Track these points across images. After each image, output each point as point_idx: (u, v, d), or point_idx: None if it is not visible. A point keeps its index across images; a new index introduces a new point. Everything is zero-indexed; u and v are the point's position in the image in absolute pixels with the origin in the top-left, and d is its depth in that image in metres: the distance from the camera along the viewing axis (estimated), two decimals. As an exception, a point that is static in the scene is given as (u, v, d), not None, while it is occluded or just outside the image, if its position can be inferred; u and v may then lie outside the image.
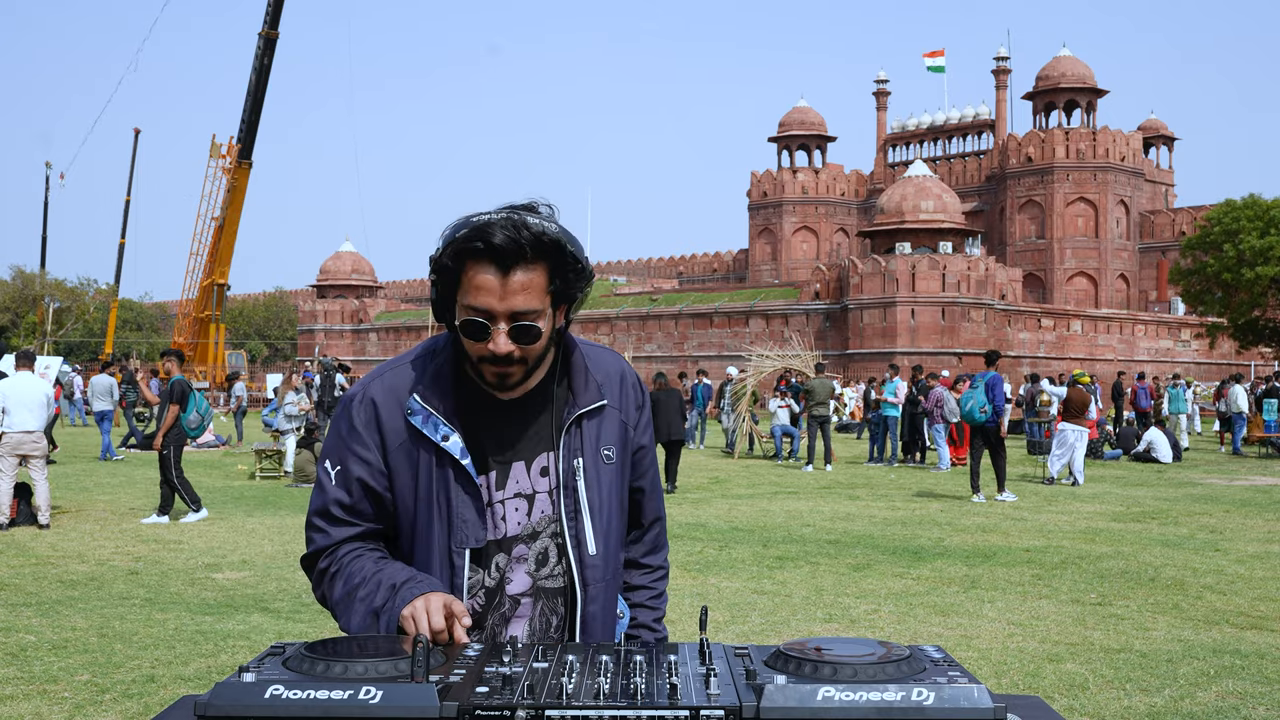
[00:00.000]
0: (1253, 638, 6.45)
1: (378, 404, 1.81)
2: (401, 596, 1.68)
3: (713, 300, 50.57)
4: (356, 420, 1.82)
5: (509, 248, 1.66)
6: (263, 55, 43.95)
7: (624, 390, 1.94)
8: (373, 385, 1.84)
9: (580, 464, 1.84)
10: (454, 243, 1.69)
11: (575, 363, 1.88)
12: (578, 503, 1.84)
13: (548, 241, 1.68)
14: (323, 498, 1.83)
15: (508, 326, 1.71)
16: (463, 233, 1.68)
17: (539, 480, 1.84)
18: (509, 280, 1.68)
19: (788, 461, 21.00)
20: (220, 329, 50.61)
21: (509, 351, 1.71)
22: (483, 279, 1.68)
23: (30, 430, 10.67)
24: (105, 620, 6.65)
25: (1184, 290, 39.97)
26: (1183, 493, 15.06)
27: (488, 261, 1.67)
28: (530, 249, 1.67)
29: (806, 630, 6.62)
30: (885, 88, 72.32)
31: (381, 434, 1.80)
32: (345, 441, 1.83)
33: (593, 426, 1.87)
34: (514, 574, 1.83)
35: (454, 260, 1.70)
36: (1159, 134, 66.81)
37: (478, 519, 1.79)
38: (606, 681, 1.35)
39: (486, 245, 1.66)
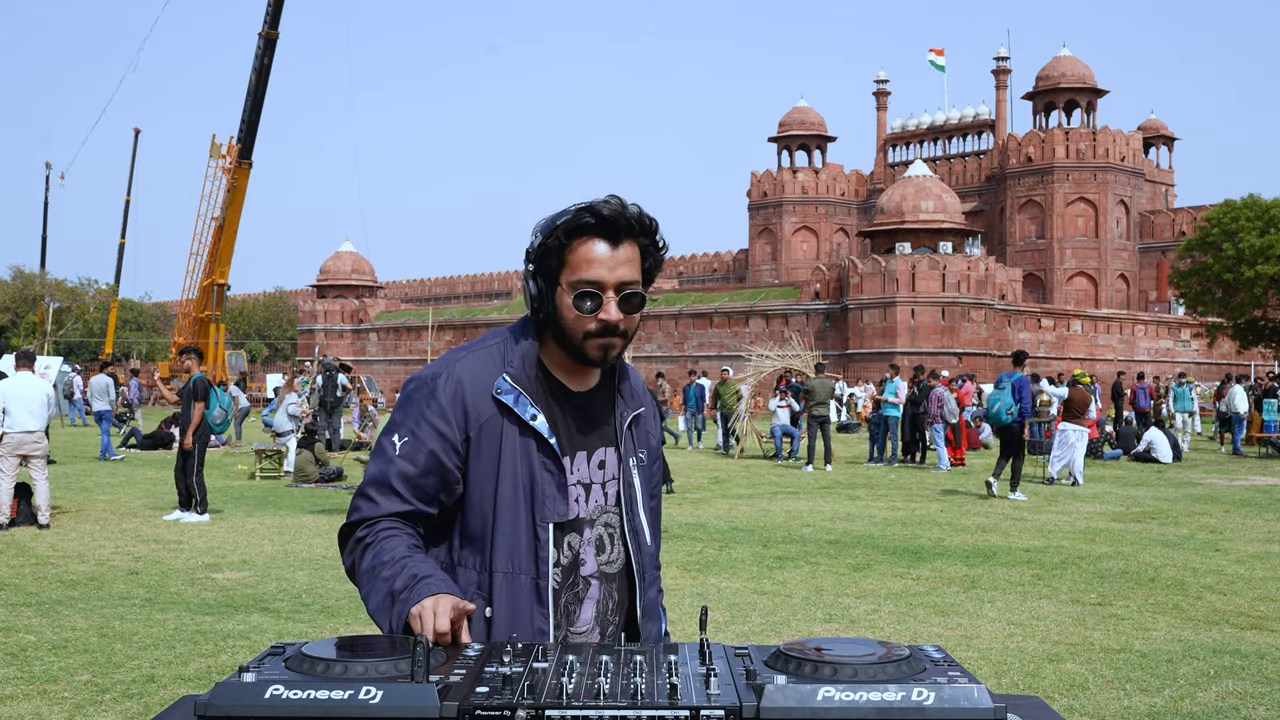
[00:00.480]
0: (1253, 638, 6.45)
1: (464, 382, 1.87)
2: (418, 591, 1.70)
3: (713, 300, 50.57)
4: (441, 395, 1.86)
5: (618, 220, 1.80)
6: (263, 55, 43.95)
7: (648, 400, 2.07)
8: (458, 365, 1.90)
9: (633, 462, 1.98)
10: (565, 221, 1.81)
11: (622, 366, 2.01)
12: (634, 497, 1.96)
13: (646, 220, 1.85)
14: (383, 467, 1.86)
15: (616, 297, 1.82)
16: (572, 213, 1.81)
17: (595, 472, 1.94)
18: (616, 252, 1.82)
19: (788, 461, 21.00)
20: (220, 329, 50.62)
21: (618, 321, 1.82)
22: (594, 252, 1.81)
23: (31, 430, 10.67)
24: (105, 620, 6.65)
25: (1183, 293, 39.99)
26: (1183, 493, 15.06)
27: (598, 236, 1.81)
28: (636, 223, 1.83)
29: (806, 630, 6.62)
30: (885, 88, 72.34)
31: (466, 410, 1.86)
32: (424, 414, 1.86)
33: (637, 431, 2.01)
34: (585, 555, 1.92)
35: (566, 237, 1.81)
36: (1159, 134, 66.83)
37: (559, 495, 1.87)
38: (606, 681, 1.35)
39: (598, 219, 1.80)
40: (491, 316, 59.15)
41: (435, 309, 65.82)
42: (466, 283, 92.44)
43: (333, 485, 15.54)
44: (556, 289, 1.84)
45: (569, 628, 1.89)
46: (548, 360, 1.92)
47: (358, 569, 1.83)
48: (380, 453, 1.88)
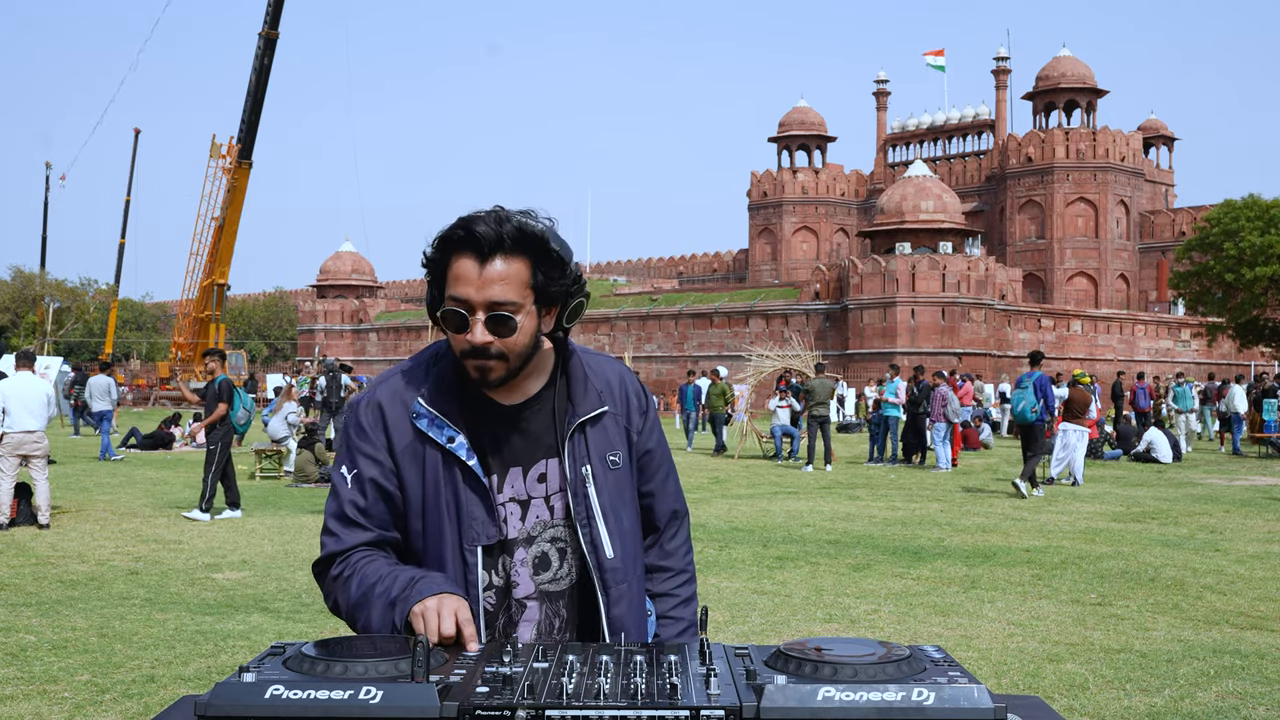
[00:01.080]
0: (1253, 638, 6.45)
1: (384, 407, 1.84)
2: (418, 590, 1.69)
3: (713, 300, 50.58)
4: (365, 422, 1.85)
5: (489, 236, 1.70)
6: (263, 55, 43.97)
7: (625, 397, 1.95)
8: (379, 389, 1.87)
9: (589, 470, 1.86)
10: (441, 233, 1.75)
11: (574, 370, 1.90)
12: (589, 508, 1.86)
13: (530, 234, 1.73)
14: (338, 501, 1.85)
15: (485, 316, 1.73)
16: (450, 225, 1.74)
17: (535, 486, 1.86)
18: (486, 269, 1.72)
19: (788, 461, 21.00)
20: (220, 329, 50.64)
21: (486, 343, 1.74)
22: (463, 268, 1.73)
23: (31, 430, 10.67)
24: (105, 620, 6.65)
25: (1183, 293, 40.01)
26: (1183, 493, 15.06)
27: (468, 251, 1.72)
28: (510, 240, 1.72)
29: (806, 630, 6.62)
30: (885, 88, 72.37)
31: (388, 436, 1.83)
32: (356, 445, 1.85)
33: (596, 433, 1.89)
34: (519, 576, 1.86)
35: (439, 251, 1.75)
36: (1159, 134, 66.85)
37: (487, 517, 1.82)
38: (606, 681, 1.35)
39: (468, 233, 1.71)
40: (491, 316, 59.11)
41: (435, 309, 65.78)
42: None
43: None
44: (443, 301, 1.78)
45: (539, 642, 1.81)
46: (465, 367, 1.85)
47: (346, 604, 1.81)
48: (333, 488, 1.87)
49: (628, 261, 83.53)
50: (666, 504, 2.03)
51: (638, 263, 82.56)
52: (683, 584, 2.04)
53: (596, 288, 59.96)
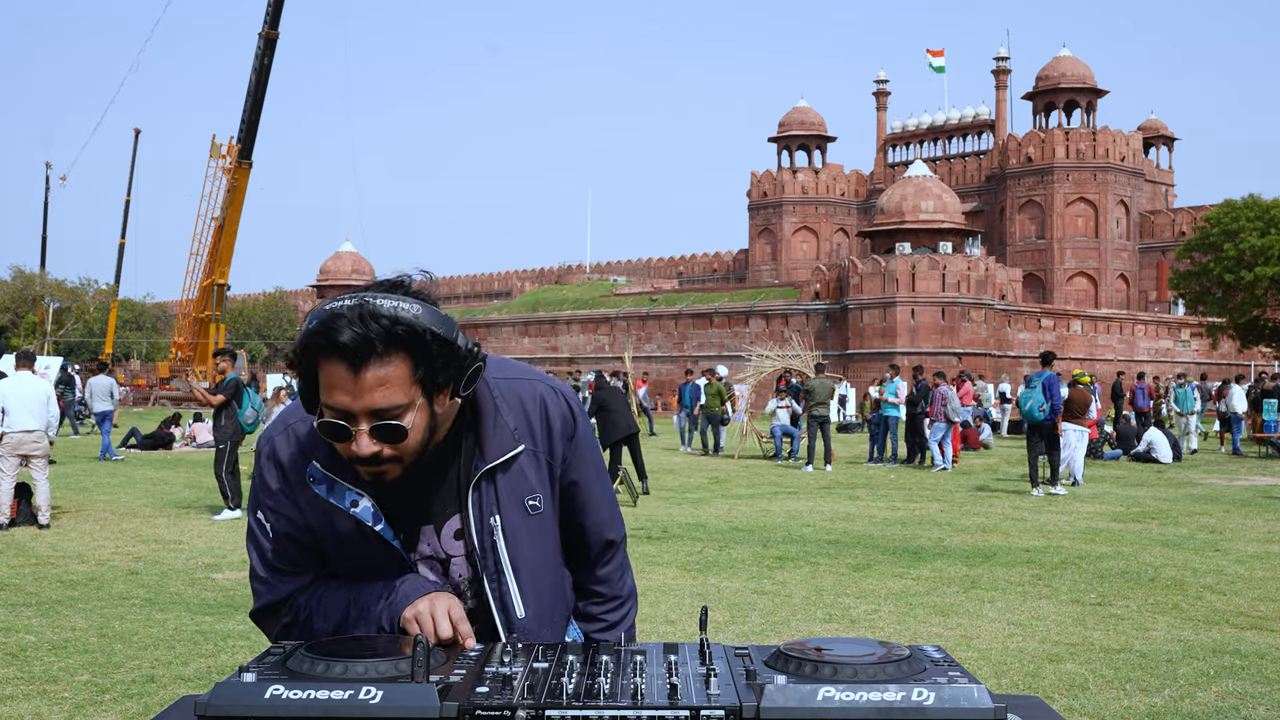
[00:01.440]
0: (1253, 638, 6.45)
1: (284, 466, 1.71)
2: (403, 593, 1.66)
3: (713, 300, 50.59)
4: (269, 479, 1.72)
5: (355, 345, 1.49)
6: (263, 55, 44.00)
7: (547, 423, 1.75)
8: (278, 440, 1.72)
9: (497, 521, 1.71)
10: (301, 338, 1.54)
11: (484, 410, 1.71)
12: (499, 563, 1.72)
13: (402, 331, 1.51)
14: (261, 552, 1.74)
15: (369, 425, 1.54)
16: (311, 325, 1.53)
17: (452, 544, 1.73)
18: (362, 377, 1.51)
19: (788, 461, 21.00)
20: (220, 329, 50.67)
21: (373, 453, 1.56)
22: (334, 375, 1.52)
23: (30, 430, 10.67)
24: (105, 620, 6.65)
25: (1183, 293, 40.02)
26: (1183, 493, 15.06)
27: (338, 359, 1.51)
28: (382, 342, 1.50)
29: (806, 630, 6.63)
30: (885, 88, 72.38)
31: (292, 496, 1.70)
32: (264, 500, 1.73)
33: (509, 477, 1.72)
34: None
35: (305, 356, 1.55)
36: (1159, 134, 66.87)
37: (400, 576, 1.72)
38: (606, 681, 1.35)
39: (330, 344, 1.50)
40: (491, 316, 59.17)
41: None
42: (466, 283, 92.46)
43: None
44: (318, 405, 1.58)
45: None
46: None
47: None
48: (253, 534, 1.75)
49: (628, 261, 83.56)
50: (599, 534, 1.88)
51: (638, 263, 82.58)
52: (612, 609, 1.92)
53: (596, 288, 59.98)
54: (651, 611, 7.02)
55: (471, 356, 1.60)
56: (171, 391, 46.92)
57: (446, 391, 1.60)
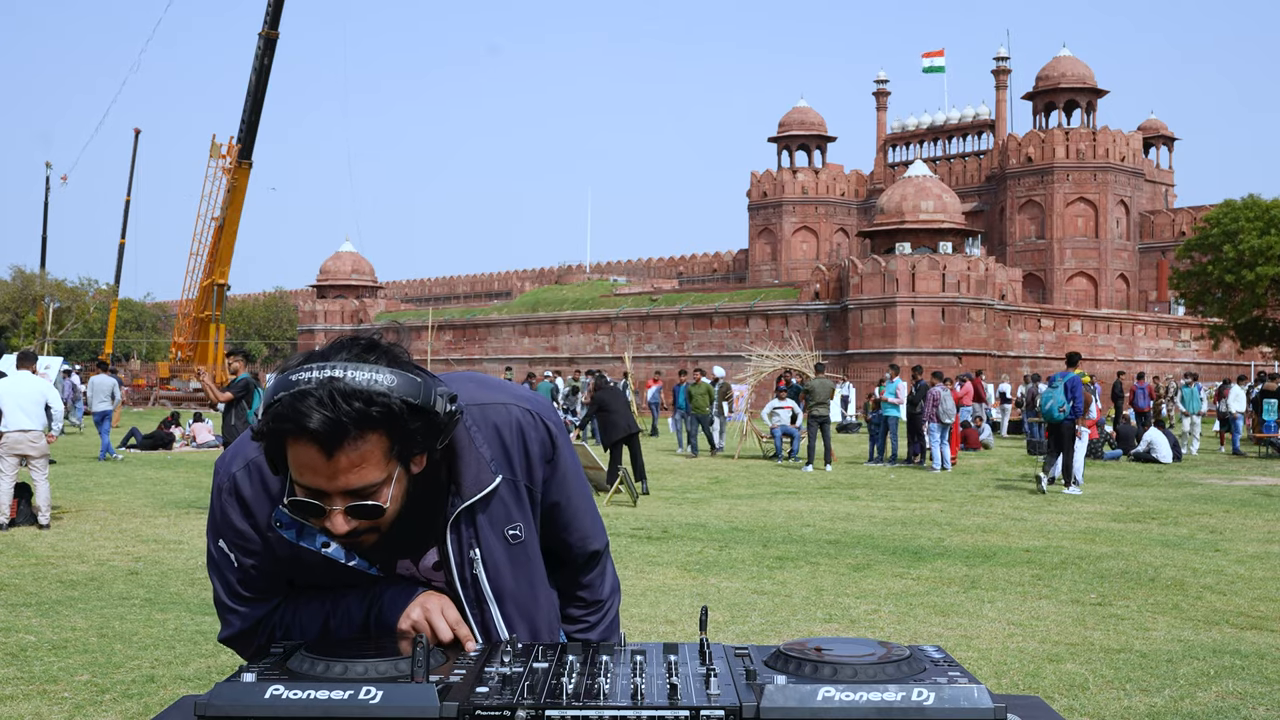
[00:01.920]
0: (1253, 638, 6.45)
1: (249, 505, 1.61)
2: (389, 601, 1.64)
3: (713, 300, 50.59)
4: (232, 517, 1.63)
5: (326, 430, 1.40)
6: (263, 55, 44.02)
7: (525, 448, 1.69)
8: (239, 478, 1.62)
9: (478, 555, 1.66)
10: (268, 417, 1.43)
11: (459, 444, 1.62)
12: (480, 594, 1.68)
13: (376, 412, 1.42)
14: (225, 581, 1.68)
15: (344, 505, 1.48)
16: (274, 407, 1.42)
17: (430, 573, 1.69)
18: (335, 461, 1.43)
19: (788, 462, 21.00)
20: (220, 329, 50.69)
21: (351, 530, 1.50)
22: (304, 455, 1.43)
23: (27, 430, 10.65)
24: (105, 620, 6.65)
25: (1183, 293, 40.01)
26: (1183, 493, 15.06)
27: (308, 441, 1.42)
28: (355, 424, 1.41)
29: (806, 630, 6.63)
30: (885, 88, 72.39)
31: (259, 534, 1.62)
32: (225, 534, 1.64)
33: (488, 512, 1.66)
34: None
35: (270, 439, 1.45)
36: (1159, 134, 66.87)
37: None
38: (606, 681, 1.36)
39: (299, 429, 1.41)
40: (491, 316, 59.17)
41: (435, 309, 65.86)
42: (466, 283, 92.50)
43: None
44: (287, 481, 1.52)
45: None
46: None
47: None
48: (214, 563, 1.68)
49: (628, 261, 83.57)
50: (583, 547, 1.85)
51: (638, 263, 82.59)
52: (591, 612, 1.90)
53: (596, 288, 59.96)
54: (651, 611, 7.02)
55: (450, 419, 1.51)
56: (171, 391, 46.91)
57: (423, 456, 1.54)
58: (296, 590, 1.70)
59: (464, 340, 58.88)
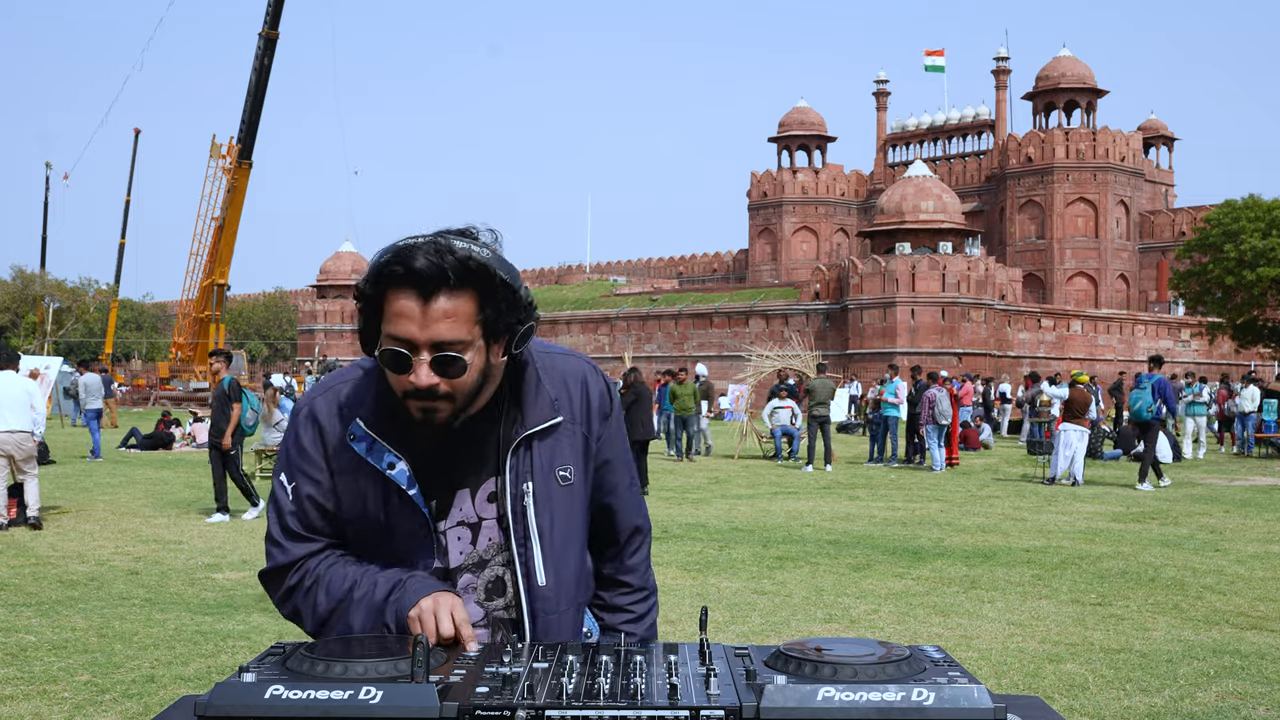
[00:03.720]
0: (1253, 638, 6.45)
1: (322, 424, 1.74)
2: (411, 590, 1.66)
3: (713, 300, 50.59)
4: (303, 438, 1.75)
5: (430, 272, 1.56)
6: (263, 55, 44.01)
7: (585, 402, 1.81)
8: (317, 401, 1.76)
9: (530, 488, 1.74)
10: (376, 266, 1.60)
11: (527, 378, 1.76)
12: (527, 530, 1.75)
13: (474, 266, 1.58)
14: (280, 514, 1.77)
15: (430, 357, 1.59)
16: (384, 256, 1.59)
17: (485, 507, 1.76)
18: (430, 307, 1.57)
19: (788, 462, 21.00)
20: (220, 329, 50.67)
21: (432, 385, 1.60)
22: (403, 306, 1.58)
23: (13, 430, 10.55)
24: (105, 620, 6.65)
25: (1183, 293, 39.97)
26: (1183, 493, 15.06)
27: (409, 288, 1.57)
28: (454, 274, 1.56)
29: (806, 630, 6.63)
30: (885, 88, 72.35)
31: (327, 455, 1.73)
32: (295, 460, 1.76)
33: (545, 447, 1.76)
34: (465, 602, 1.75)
35: (375, 287, 1.61)
36: (1159, 134, 66.83)
37: (424, 548, 1.73)
38: (606, 681, 1.36)
39: (407, 270, 1.56)
40: (491, 316, 59.06)
41: (435, 309, 65.76)
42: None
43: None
44: (380, 335, 1.64)
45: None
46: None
47: (311, 613, 1.75)
48: (274, 497, 1.79)
49: (628, 261, 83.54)
50: (628, 518, 1.92)
51: (638, 263, 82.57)
52: (640, 600, 1.95)
53: (596, 288, 59.96)
54: (651, 611, 7.01)
55: (529, 309, 1.67)
56: (171, 391, 46.91)
57: (501, 343, 1.67)
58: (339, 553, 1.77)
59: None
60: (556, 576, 1.77)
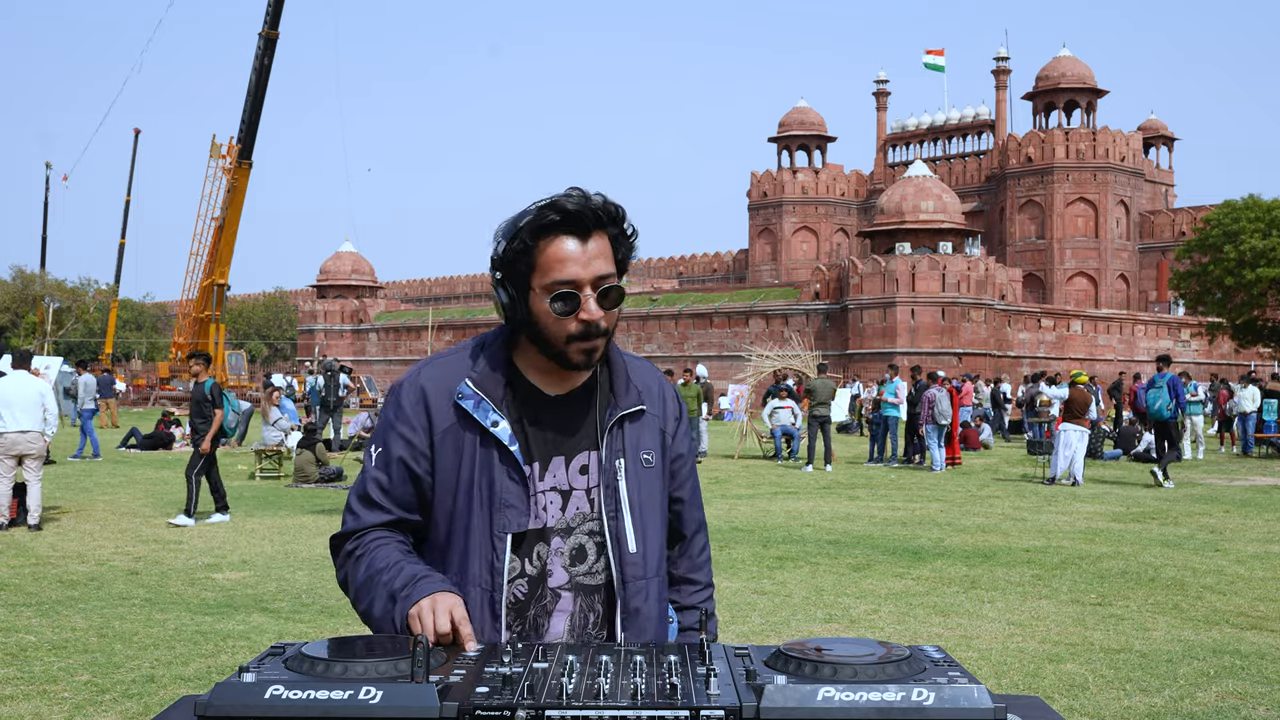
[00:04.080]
0: (1253, 638, 6.45)
1: (427, 389, 1.85)
2: (419, 588, 1.70)
3: (713, 300, 50.57)
4: (405, 402, 1.85)
5: (583, 213, 1.75)
6: (263, 55, 43.97)
7: (663, 400, 1.98)
8: (423, 372, 1.88)
9: (622, 464, 1.87)
10: (529, 221, 1.75)
11: (616, 366, 1.92)
12: (618, 501, 1.86)
13: (612, 209, 1.79)
14: (362, 480, 1.87)
15: (594, 293, 1.77)
16: (535, 212, 1.75)
17: (577, 478, 1.86)
18: (587, 246, 1.76)
19: (788, 462, 21.00)
20: (220, 329, 50.63)
21: (599, 319, 1.77)
22: (563, 249, 1.75)
23: (25, 430, 10.62)
24: (105, 620, 6.65)
25: (1183, 294, 39.94)
26: (1183, 493, 15.06)
27: (565, 232, 1.75)
28: (603, 214, 1.78)
29: (806, 630, 6.62)
30: (885, 88, 72.32)
31: (429, 417, 1.83)
32: (391, 423, 1.85)
33: (633, 430, 1.90)
34: (553, 566, 1.84)
35: (532, 238, 1.75)
36: (1159, 134, 66.82)
37: (521, 505, 1.81)
38: (606, 681, 1.35)
39: (563, 214, 1.74)
40: (491, 316, 59.12)
41: (435, 309, 65.81)
42: (466, 283, 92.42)
43: (332, 485, 15.54)
44: (529, 294, 1.78)
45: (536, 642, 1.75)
46: (523, 364, 1.87)
47: (351, 583, 1.83)
48: (362, 468, 1.89)
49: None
50: (694, 512, 2.06)
51: (638, 263, 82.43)
52: (708, 598, 2.09)
53: (596, 288, 59.79)
54: (651, 611, 7.02)
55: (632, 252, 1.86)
56: (171, 391, 46.89)
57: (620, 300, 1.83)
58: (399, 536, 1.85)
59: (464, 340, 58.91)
60: (644, 545, 1.88)
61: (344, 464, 17.34)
